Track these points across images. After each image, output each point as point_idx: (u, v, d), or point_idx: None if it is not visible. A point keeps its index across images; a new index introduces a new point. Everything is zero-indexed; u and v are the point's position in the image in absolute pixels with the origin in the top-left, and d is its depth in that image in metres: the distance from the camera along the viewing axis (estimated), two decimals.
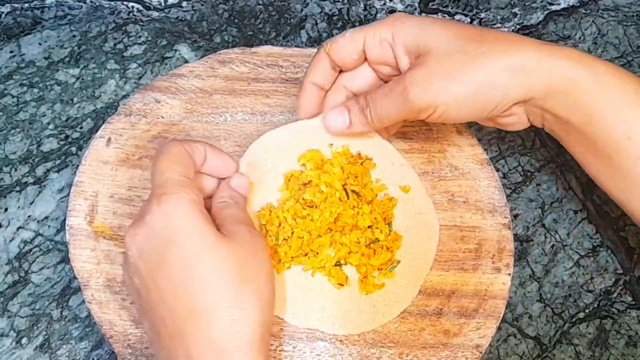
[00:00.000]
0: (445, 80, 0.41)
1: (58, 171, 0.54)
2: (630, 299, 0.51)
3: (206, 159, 0.43)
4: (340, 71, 0.48)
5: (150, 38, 0.60)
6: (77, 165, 0.50)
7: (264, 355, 0.37)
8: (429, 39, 0.43)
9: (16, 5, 0.61)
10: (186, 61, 0.59)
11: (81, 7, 0.62)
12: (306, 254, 0.45)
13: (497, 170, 0.51)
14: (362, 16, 0.63)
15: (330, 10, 0.63)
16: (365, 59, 0.46)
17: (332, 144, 0.48)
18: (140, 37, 0.60)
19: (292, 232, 0.45)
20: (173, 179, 0.39)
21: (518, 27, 0.63)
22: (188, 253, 0.37)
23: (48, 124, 0.56)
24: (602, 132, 0.41)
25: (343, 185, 0.46)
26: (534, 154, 0.56)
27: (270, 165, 0.48)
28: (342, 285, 0.45)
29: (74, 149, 0.55)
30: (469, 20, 0.63)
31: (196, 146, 0.42)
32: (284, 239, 0.45)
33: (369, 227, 0.45)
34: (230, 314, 0.36)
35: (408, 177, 0.49)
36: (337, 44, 0.46)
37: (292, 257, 0.45)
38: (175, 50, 0.60)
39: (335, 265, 0.45)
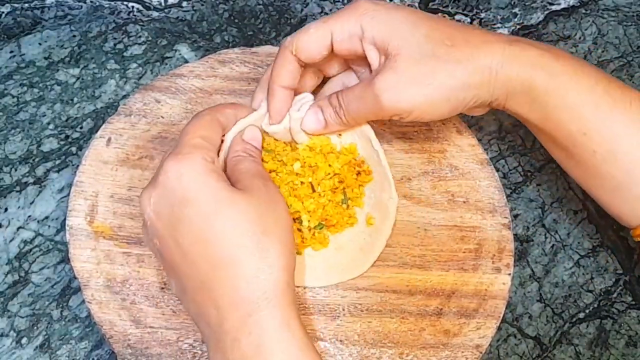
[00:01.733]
0: (417, 86, 0.42)
1: (58, 171, 0.54)
2: (630, 299, 0.51)
3: (237, 120, 0.45)
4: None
5: (150, 38, 0.60)
6: (77, 165, 0.50)
7: (290, 300, 0.38)
8: (399, 40, 0.42)
9: (16, 5, 0.61)
10: (186, 61, 0.59)
11: (81, 7, 0.62)
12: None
13: (497, 170, 0.51)
14: None
15: (330, 10, 0.63)
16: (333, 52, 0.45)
17: (340, 133, 0.48)
18: (140, 37, 0.60)
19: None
20: (190, 141, 0.40)
21: (518, 27, 0.63)
22: (204, 209, 0.38)
23: (48, 124, 0.56)
24: (559, 129, 0.43)
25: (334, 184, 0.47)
26: (534, 154, 0.56)
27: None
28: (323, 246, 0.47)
29: (74, 149, 0.55)
30: (469, 20, 0.63)
31: (226, 111, 0.44)
32: None
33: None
34: (254, 263, 0.37)
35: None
36: (302, 42, 0.44)
37: None
38: (175, 50, 0.60)
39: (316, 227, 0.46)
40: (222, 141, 0.44)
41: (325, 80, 0.49)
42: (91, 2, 0.62)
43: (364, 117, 0.45)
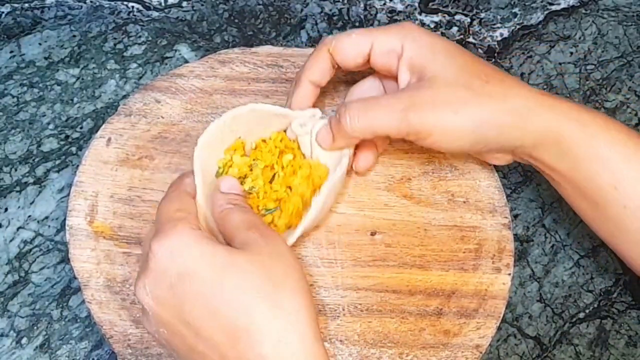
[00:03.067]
0: (447, 110, 0.42)
1: (58, 171, 0.54)
2: (630, 299, 0.51)
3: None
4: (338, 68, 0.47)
5: (150, 38, 0.60)
6: (77, 165, 0.50)
7: (321, 353, 0.35)
8: (437, 66, 0.43)
9: (16, 5, 0.61)
10: (186, 61, 0.59)
11: (81, 7, 0.62)
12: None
13: (497, 170, 0.51)
14: (362, 16, 0.63)
15: (331, 10, 0.63)
16: (368, 62, 0.46)
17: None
18: (140, 37, 0.60)
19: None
20: (168, 217, 0.38)
21: (518, 26, 0.63)
22: (207, 280, 0.35)
23: (48, 124, 0.56)
24: (589, 181, 0.42)
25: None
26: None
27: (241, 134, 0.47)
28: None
29: (74, 149, 0.55)
30: (469, 20, 0.63)
31: (185, 181, 0.42)
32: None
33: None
34: (274, 325, 0.35)
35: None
36: (342, 44, 0.45)
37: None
38: (175, 50, 0.60)
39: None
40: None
41: None
42: (91, 2, 0.62)
43: (381, 128, 0.43)
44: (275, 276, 0.36)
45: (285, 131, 0.47)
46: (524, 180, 0.55)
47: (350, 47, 0.45)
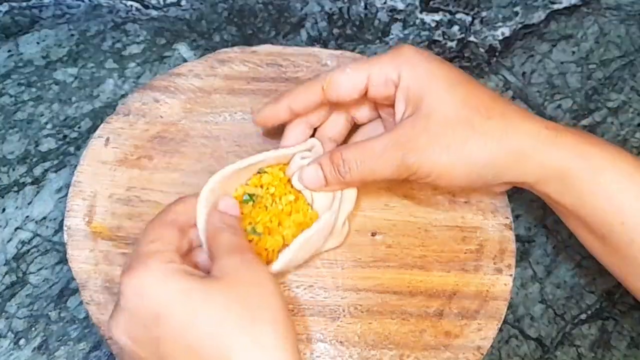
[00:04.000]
0: (445, 152, 0.40)
1: (56, 171, 0.54)
2: (632, 300, 0.51)
3: (189, 211, 0.41)
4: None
5: (149, 37, 0.60)
6: (76, 165, 0.49)
7: None
8: (435, 98, 0.41)
9: (14, 4, 0.61)
10: (185, 60, 0.59)
11: (79, 6, 0.62)
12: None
13: None
14: (362, 15, 0.63)
15: (331, 9, 0.63)
16: (365, 96, 0.44)
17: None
18: (139, 36, 0.60)
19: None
20: (140, 251, 0.37)
21: (520, 25, 0.63)
22: (182, 318, 0.34)
23: (46, 123, 0.56)
24: (595, 216, 0.41)
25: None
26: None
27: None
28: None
29: (72, 148, 0.55)
30: (470, 19, 0.63)
31: (175, 209, 0.41)
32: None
33: None
34: (255, 358, 0.33)
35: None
36: (336, 79, 0.43)
37: None
38: (174, 50, 0.59)
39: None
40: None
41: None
42: (89, 1, 0.62)
43: (378, 174, 0.42)
44: (254, 308, 0.35)
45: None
46: None
47: (345, 82, 0.43)
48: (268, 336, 0.34)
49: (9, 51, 0.59)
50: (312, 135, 0.47)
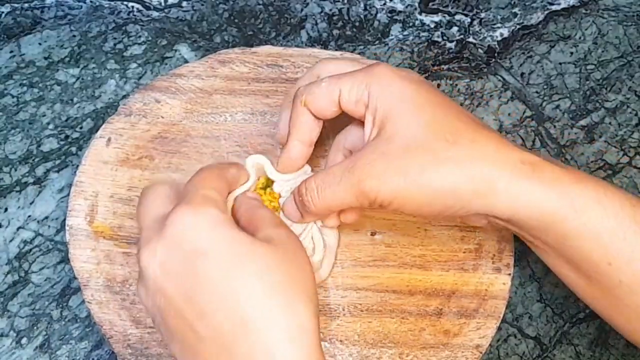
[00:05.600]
0: (402, 178, 0.37)
1: (58, 171, 0.54)
2: None
3: (238, 180, 0.43)
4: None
5: (150, 38, 0.60)
6: (77, 165, 0.50)
7: (322, 353, 0.35)
8: (399, 122, 0.38)
9: (16, 5, 0.61)
10: (186, 61, 0.59)
11: (81, 7, 0.62)
12: None
13: None
14: (362, 16, 0.63)
15: (331, 10, 0.63)
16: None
17: None
18: (140, 37, 0.60)
19: None
20: (201, 192, 0.37)
21: (518, 26, 0.63)
22: (227, 263, 0.34)
23: (48, 124, 0.56)
24: (578, 255, 0.38)
25: None
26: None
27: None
28: None
29: (74, 149, 0.55)
30: (469, 20, 0.63)
31: (231, 171, 0.42)
32: None
33: None
34: (286, 323, 0.33)
35: None
36: (313, 95, 0.41)
37: None
38: (175, 50, 0.60)
39: None
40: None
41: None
42: (91, 2, 0.62)
43: (341, 202, 0.40)
44: (294, 276, 0.35)
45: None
46: None
47: (322, 96, 0.41)
48: (302, 305, 0.34)
49: (11, 52, 0.59)
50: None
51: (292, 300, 0.34)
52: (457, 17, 0.63)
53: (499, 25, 0.63)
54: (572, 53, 0.62)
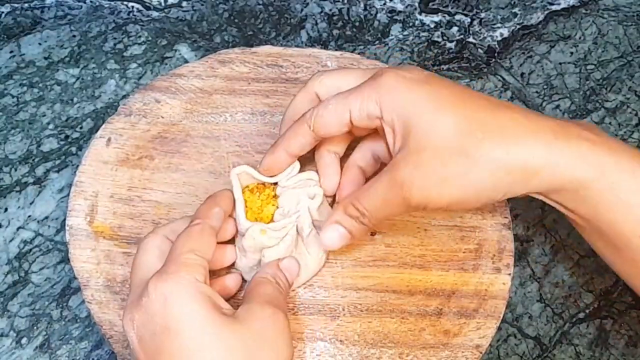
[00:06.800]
0: (446, 186, 0.38)
1: (58, 171, 0.54)
2: (630, 299, 0.51)
3: (228, 208, 0.42)
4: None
5: (150, 38, 0.60)
6: (77, 165, 0.50)
7: None
8: (422, 132, 0.38)
9: (16, 5, 0.61)
10: (186, 61, 0.59)
11: (81, 7, 0.62)
12: None
13: None
14: (362, 16, 0.63)
15: (331, 10, 0.63)
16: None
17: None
18: (140, 37, 0.60)
19: None
20: (178, 258, 0.37)
21: (518, 26, 0.63)
22: (188, 343, 0.34)
23: (48, 124, 0.56)
24: (610, 228, 0.39)
25: None
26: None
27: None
28: None
29: (74, 149, 0.55)
30: (469, 20, 0.63)
31: (213, 213, 0.41)
32: None
33: None
34: None
35: None
36: (321, 118, 0.41)
37: None
38: (175, 50, 0.60)
39: None
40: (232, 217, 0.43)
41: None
42: (91, 2, 0.62)
43: (386, 215, 0.41)
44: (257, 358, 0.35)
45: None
46: None
47: (330, 119, 0.41)
48: None
49: (11, 52, 0.59)
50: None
51: None
52: (457, 17, 0.63)
53: (499, 25, 0.63)
54: (572, 53, 0.62)
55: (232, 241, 0.45)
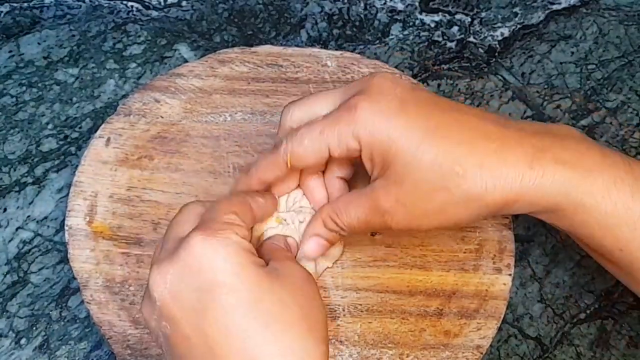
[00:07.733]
0: (425, 218, 0.39)
1: (57, 171, 0.54)
2: (631, 299, 0.51)
3: (265, 212, 0.42)
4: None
5: (149, 37, 0.60)
6: (77, 165, 0.50)
7: None
8: (402, 166, 0.38)
9: (15, 4, 0.61)
10: (186, 61, 0.59)
11: (80, 6, 0.62)
12: None
13: None
14: (362, 15, 0.63)
15: (331, 9, 0.63)
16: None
17: None
18: (139, 36, 0.60)
19: None
20: (222, 217, 0.36)
21: (519, 26, 0.63)
22: (244, 297, 0.33)
23: (47, 123, 0.56)
24: (591, 242, 0.40)
25: None
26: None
27: None
28: None
29: (73, 148, 0.55)
30: (469, 19, 0.63)
31: (258, 200, 0.41)
32: None
33: None
34: None
35: None
36: (298, 155, 0.40)
37: None
38: (175, 50, 0.60)
39: None
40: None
41: None
42: (90, 1, 0.62)
43: (362, 230, 0.42)
44: (310, 318, 0.35)
45: None
46: None
47: (307, 155, 0.40)
48: (316, 349, 0.34)
49: (10, 52, 0.59)
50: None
51: (307, 345, 0.34)
52: (458, 16, 0.63)
53: (499, 24, 0.63)
54: (572, 53, 0.62)
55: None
